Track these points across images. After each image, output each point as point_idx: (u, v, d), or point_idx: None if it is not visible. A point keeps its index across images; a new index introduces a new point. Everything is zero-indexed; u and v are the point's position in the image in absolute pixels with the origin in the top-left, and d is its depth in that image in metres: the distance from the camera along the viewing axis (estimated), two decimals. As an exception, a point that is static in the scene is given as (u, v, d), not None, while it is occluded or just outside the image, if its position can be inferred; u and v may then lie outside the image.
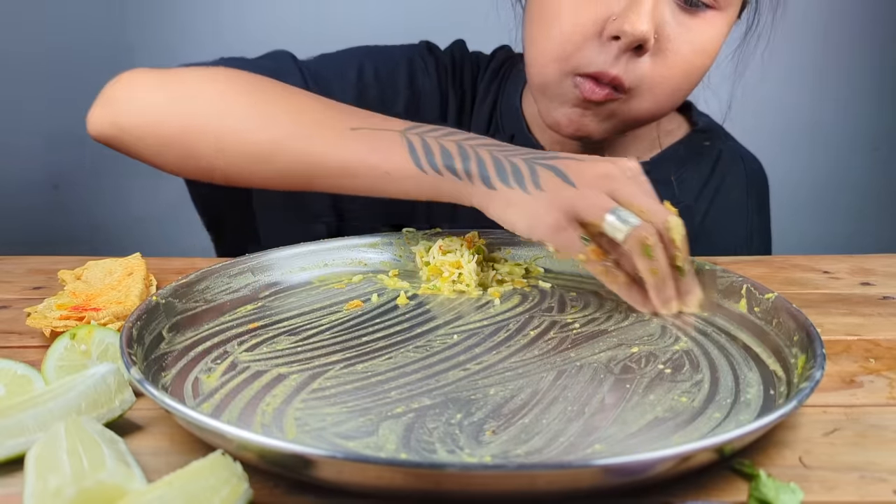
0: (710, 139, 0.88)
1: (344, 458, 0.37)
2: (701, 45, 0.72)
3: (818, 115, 1.63)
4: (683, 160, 0.86)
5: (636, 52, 0.70)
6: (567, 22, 0.71)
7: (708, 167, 0.87)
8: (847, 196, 1.66)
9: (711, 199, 0.86)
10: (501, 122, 0.87)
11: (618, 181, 0.60)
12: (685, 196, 0.85)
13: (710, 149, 0.88)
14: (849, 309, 0.66)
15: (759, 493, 0.39)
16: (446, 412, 0.46)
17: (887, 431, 0.46)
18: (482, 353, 0.54)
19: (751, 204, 0.89)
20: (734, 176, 0.88)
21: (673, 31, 0.70)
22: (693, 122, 0.89)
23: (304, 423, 0.45)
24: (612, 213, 0.58)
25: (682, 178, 0.85)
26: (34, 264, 0.75)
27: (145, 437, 0.45)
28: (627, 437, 0.44)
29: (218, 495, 0.37)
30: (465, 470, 0.37)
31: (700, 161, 0.87)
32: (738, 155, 0.90)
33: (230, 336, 0.57)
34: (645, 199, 0.59)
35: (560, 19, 0.71)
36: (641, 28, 0.67)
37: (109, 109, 0.71)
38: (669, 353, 0.55)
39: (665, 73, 0.72)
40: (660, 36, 0.70)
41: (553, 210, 0.59)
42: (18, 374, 0.48)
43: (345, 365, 0.53)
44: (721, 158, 0.88)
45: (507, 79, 0.89)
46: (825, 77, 1.61)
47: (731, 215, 0.87)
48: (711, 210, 0.86)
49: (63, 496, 0.35)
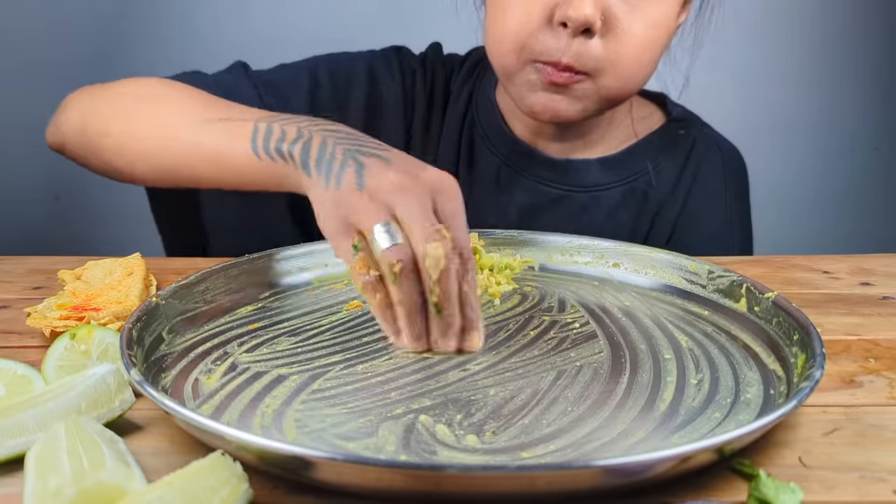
0: (685, 128, 0.89)
1: (344, 460, 0.37)
2: (651, 20, 0.74)
3: (818, 115, 1.63)
4: (659, 150, 0.87)
5: (586, 36, 0.72)
6: (518, 11, 0.73)
7: (683, 156, 0.88)
8: (847, 196, 1.66)
9: (689, 187, 0.87)
10: (478, 116, 0.88)
11: (408, 194, 0.53)
12: (662, 185, 0.86)
13: (684, 137, 0.89)
14: (849, 309, 0.66)
15: (759, 493, 0.39)
16: (446, 412, 0.46)
17: (887, 431, 0.46)
18: (482, 353, 0.54)
19: (729, 192, 0.89)
20: (710, 164, 0.89)
21: (620, 11, 0.72)
22: (668, 113, 0.90)
23: (303, 424, 0.45)
24: (381, 225, 0.52)
25: (658, 168, 0.86)
26: (34, 264, 0.75)
27: (145, 437, 0.45)
28: (627, 437, 0.44)
29: (218, 495, 0.37)
30: (465, 471, 0.37)
31: (675, 150, 0.88)
32: (714, 143, 0.90)
33: (230, 337, 0.57)
34: (422, 221, 0.52)
35: (512, 9, 0.74)
36: (585, 11, 0.69)
37: (55, 123, 0.78)
38: (669, 354, 0.55)
39: (620, 51, 0.73)
40: (608, 17, 0.72)
41: (336, 213, 0.55)
42: (18, 374, 0.48)
43: (345, 366, 0.53)
44: (696, 146, 0.88)
45: (481, 77, 0.90)
46: (825, 77, 1.61)
47: (708, 203, 0.88)
48: (689, 199, 0.86)
49: (63, 496, 0.35)
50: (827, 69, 1.61)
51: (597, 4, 0.70)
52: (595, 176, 0.85)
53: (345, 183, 0.55)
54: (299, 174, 0.58)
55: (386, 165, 0.55)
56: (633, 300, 0.64)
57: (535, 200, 0.85)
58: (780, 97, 1.60)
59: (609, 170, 0.85)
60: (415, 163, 0.56)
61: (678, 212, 0.86)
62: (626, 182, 0.85)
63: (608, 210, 0.85)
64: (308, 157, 0.58)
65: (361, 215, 0.53)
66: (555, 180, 0.85)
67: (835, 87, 1.62)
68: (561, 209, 0.84)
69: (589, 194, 0.85)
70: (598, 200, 0.85)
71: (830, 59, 1.61)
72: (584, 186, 0.85)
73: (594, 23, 0.70)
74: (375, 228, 0.52)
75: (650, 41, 0.75)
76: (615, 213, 0.85)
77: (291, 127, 0.61)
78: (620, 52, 0.73)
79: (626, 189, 0.85)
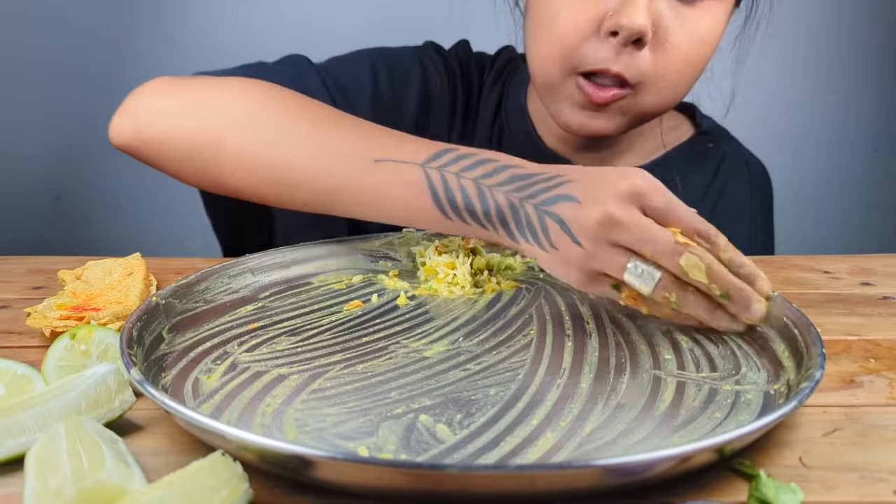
0: (713, 141, 0.89)
1: (344, 459, 0.37)
2: (699, 35, 0.72)
3: (818, 115, 1.63)
4: (687, 162, 0.86)
5: (635, 46, 0.70)
6: (564, 21, 0.71)
7: (712, 169, 0.87)
8: (847, 196, 1.66)
9: (715, 201, 0.86)
10: (507, 122, 0.87)
11: (619, 228, 0.53)
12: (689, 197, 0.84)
13: (713, 151, 0.88)
14: (849, 309, 0.66)
15: (759, 493, 0.39)
16: (446, 412, 0.46)
17: (887, 431, 0.46)
18: (482, 353, 0.54)
19: (754, 206, 0.89)
20: (738, 178, 0.88)
21: (671, 23, 0.71)
22: (697, 125, 0.89)
23: (304, 423, 0.45)
24: (629, 271, 0.54)
25: (686, 180, 0.85)
26: (34, 264, 0.75)
27: (145, 437, 0.45)
28: (627, 437, 0.44)
29: (218, 495, 0.37)
30: (465, 470, 0.37)
31: (704, 163, 0.87)
32: (742, 157, 0.90)
33: (230, 337, 0.57)
34: (655, 241, 0.53)
35: (557, 19, 0.72)
36: (639, 21, 0.67)
37: (131, 119, 0.70)
38: (669, 354, 0.55)
39: (666, 65, 0.72)
40: (658, 28, 0.70)
41: (573, 270, 0.56)
42: (18, 374, 0.48)
43: (345, 365, 0.53)
44: (725, 161, 0.88)
45: (510, 79, 0.89)
46: (825, 77, 1.61)
47: (734, 217, 0.87)
48: (715, 212, 0.86)
49: (63, 496, 0.35)
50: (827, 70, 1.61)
51: (649, 14, 0.68)
52: None
53: (557, 241, 0.56)
54: (502, 237, 0.59)
55: (577, 206, 0.55)
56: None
57: None
58: (779, 98, 1.60)
59: None
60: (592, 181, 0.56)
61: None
62: None
63: None
64: (507, 225, 0.58)
65: (600, 265, 0.54)
66: None
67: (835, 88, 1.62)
68: None
69: None
70: None
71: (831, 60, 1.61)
72: None
73: (646, 32, 0.68)
74: (626, 278, 0.54)
75: (697, 56, 0.73)
76: None
77: (468, 182, 0.60)
78: (666, 65, 0.72)
79: None
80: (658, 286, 0.53)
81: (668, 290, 0.53)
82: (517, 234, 0.58)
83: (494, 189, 0.59)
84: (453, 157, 0.61)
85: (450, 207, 0.60)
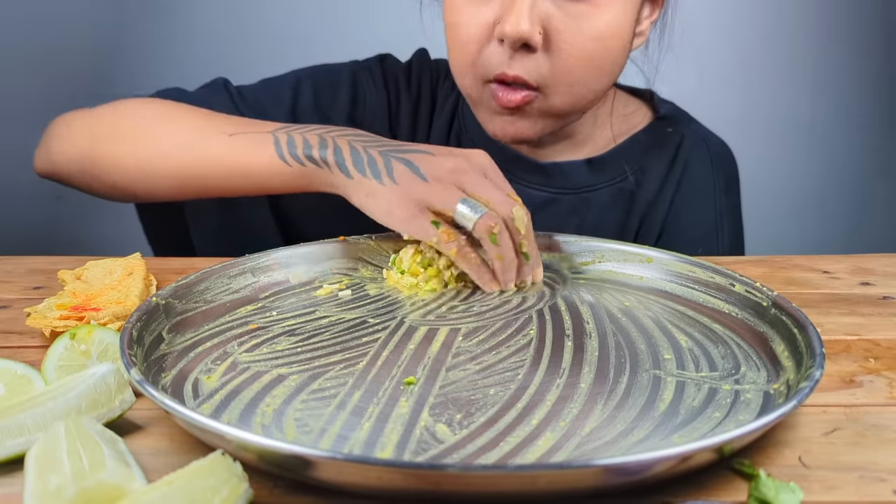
0: (672, 125, 0.87)
1: (344, 459, 0.37)
2: (597, 31, 0.72)
3: (818, 115, 1.63)
4: (646, 149, 0.86)
5: (527, 51, 0.71)
6: (464, 30, 0.73)
7: (670, 154, 0.86)
8: (847, 196, 1.66)
9: (677, 185, 0.85)
10: (464, 123, 0.88)
11: (467, 174, 0.65)
12: (650, 184, 0.85)
13: (672, 135, 0.87)
14: (849, 309, 0.66)
15: (759, 493, 0.39)
16: (446, 412, 0.46)
17: (887, 431, 0.46)
18: (482, 353, 0.55)
19: (718, 186, 0.88)
20: (698, 160, 0.87)
21: (562, 23, 0.71)
22: (656, 110, 0.89)
23: (303, 423, 0.45)
24: (462, 202, 0.63)
25: (645, 167, 0.85)
26: (34, 264, 0.75)
27: (145, 437, 0.45)
28: (628, 436, 0.44)
29: (218, 495, 0.37)
30: (465, 470, 0.37)
31: (663, 148, 0.86)
32: (702, 138, 0.89)
33: (230, 337, 0.57)
34: (492, 191, 0.64)
35: (458, 28, 0.74)
36: (520, 27, 0.68)
37: (44, 150, 0.80)
38: (669, 354, 0.55)
39: (566, 65, 0.72)
40: (549, 30, 0.70)
41: (406, 202, 0.64)
42: (18, 374, 0.48)
43: (345, 365, 0.53)
44: (683, 144, 0.87)
45: None
46: (825, 77, 1.61)
47: (697, 200, 0.87)
48: (677, 197, 0.85)
49: (63, 496, 0.35)
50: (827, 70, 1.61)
51: (534, 19, 0.69)
52: (583, 177, 0.84)
53: (401, 178, 0.65)
54: (334, 176, 0.67)
55: (432, 157, 0.66)
56: (633, 300, 0.64)
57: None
58: (779, 97, 1.60)
59: (596, 170, 0.84)
60: (450, 149, 0.68)
61: (667, 210, 0.85)
62: (614, 182, 0.84)
63: (597, 211, 0.84)
64: (344, 161, 0.67)
65: (437, 198, 0.64)
66: (543, 184, 0.84)
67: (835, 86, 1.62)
68: (550, 212, 0.83)
69: (577, 196, 0.84)
70: (587, 202, 0.84)
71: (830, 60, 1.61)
72: (572, 188, 0.84)
73: (531, 38, 0.69)
74: (458, 206, 0.63)
75: (599, 53, 0.73)
76: (604, 214, 0.84)
77: (311, 135, 0.69)
78: (567, 65, 0.72)
79: (615, 189, 0.84)
80: (486, 216, 0.63)
81: (493, 223, 0.63)
82: (353, 171, 0.66)
83: (338, 138, 0.68)
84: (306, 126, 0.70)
85: (289, 154, 0.68)
